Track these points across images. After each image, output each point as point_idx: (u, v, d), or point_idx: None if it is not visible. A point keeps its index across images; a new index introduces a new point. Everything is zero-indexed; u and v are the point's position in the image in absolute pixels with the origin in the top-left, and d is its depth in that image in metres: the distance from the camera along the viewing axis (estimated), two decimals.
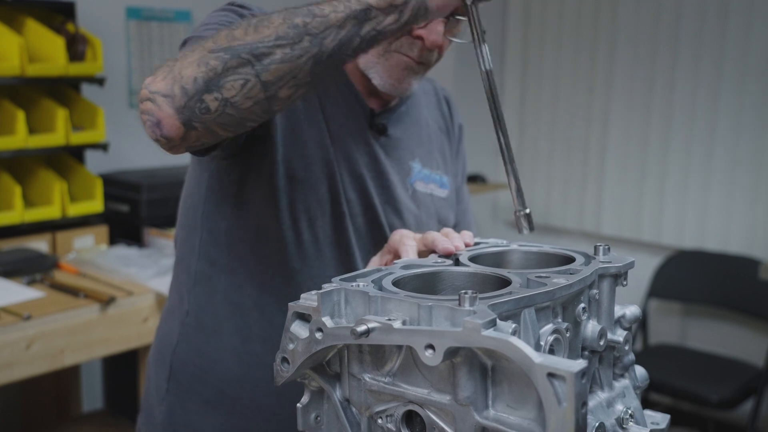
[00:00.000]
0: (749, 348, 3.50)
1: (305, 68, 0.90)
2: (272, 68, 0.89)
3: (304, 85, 0.92)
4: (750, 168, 3.51)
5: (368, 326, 0.70)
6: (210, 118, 0.91)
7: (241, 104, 0.90)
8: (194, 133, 0.92)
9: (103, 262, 2.58)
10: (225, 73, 0.89)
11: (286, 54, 0.89)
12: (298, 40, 0.89)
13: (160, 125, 0.92)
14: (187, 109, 0.90)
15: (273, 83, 0.90)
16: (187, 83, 0.90)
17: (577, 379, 0.60)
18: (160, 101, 0.91)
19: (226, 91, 0.89)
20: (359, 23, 0.90)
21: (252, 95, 0.90)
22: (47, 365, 2.17)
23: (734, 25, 3.46)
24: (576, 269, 0.83)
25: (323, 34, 0.89)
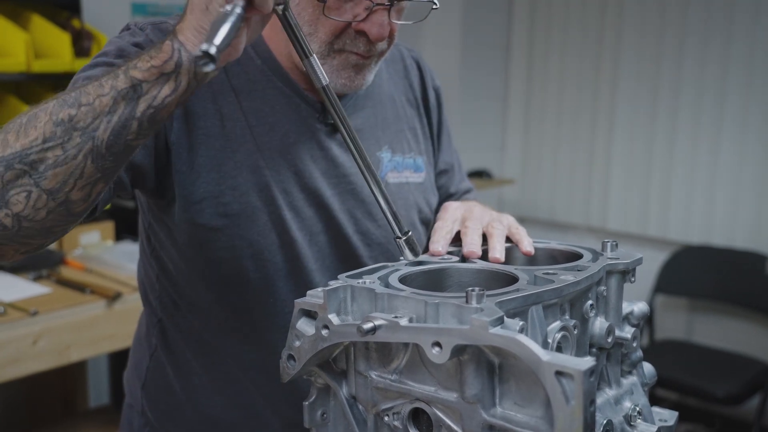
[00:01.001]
0: (756, 343, 3.49)
1: (87, 166, 0.80)
2: (50, 174, 0.80)
3: (96, 181, 0.82)
4: (756, 162, 3.49)
5: (375, 323, 0.70)
6: (11, 234, 0.82)
7: (35, 216, 0.81)
8: (5, 248, 0.85)
9: (109, 257, 2.58)
10: (6, 187, 0.80)
11: (58, 157, 0.79)
12: (68, 139, 0.79)
13: None
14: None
15: (58, 189, 0.80)
16: None
17: (585, 377, 0.59)
18: None
19: (13, 206, 0.80)
20: (131, 103, 0.79)
21: (40, 206, 0.81)
22: (53, 361, 2.17)
23: (740, 20, 3.44)
24: (584, 266, 0.82)
25: (93, 126, 0.79)
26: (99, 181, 0.83)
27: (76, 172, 0.80)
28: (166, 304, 1.17)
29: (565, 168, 4.13)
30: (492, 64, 4.24)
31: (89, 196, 0.83)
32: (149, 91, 0.79)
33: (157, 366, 1.21)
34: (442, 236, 0.98)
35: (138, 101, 0.79)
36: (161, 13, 3.20)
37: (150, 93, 0.80)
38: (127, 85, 0.79)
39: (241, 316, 1.12)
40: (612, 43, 3.87)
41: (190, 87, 0.81)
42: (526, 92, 4.26)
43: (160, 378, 1.20)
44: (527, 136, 4.29)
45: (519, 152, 4.33)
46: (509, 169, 4.34)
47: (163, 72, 0.79)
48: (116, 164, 0.83)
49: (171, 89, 0.80)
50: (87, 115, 0.79)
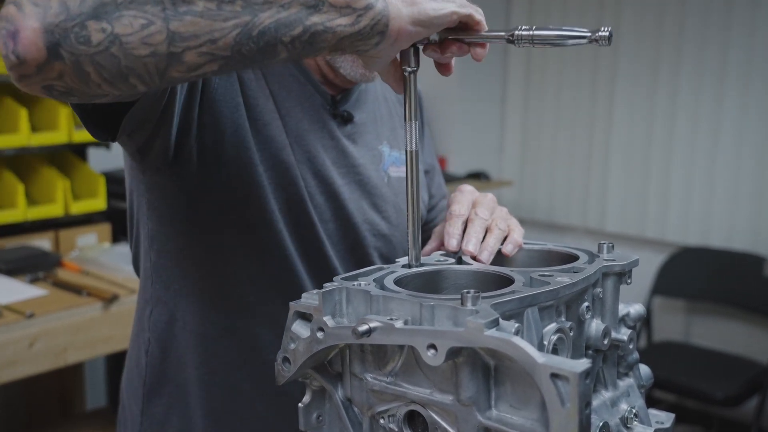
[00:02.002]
0: (754, 345, 3.49)
1: (228, 36, 0.71)
2: (188, 19, 0.70)
3: (219, 58, 0.73)
4: (754, 164, 3.49)
5: (370, 326, 0.69)
6: (86, 52, 0.68)
7: (134, 48, 0.69)
8: (58, 65, 0.68)
9: (106, 259, 2.58)
10: (126, 4, 0.68)
11: (209, 9, 0.70)
12: (229, 0, 0.71)
13: (17, 38, 0.67)
14: (59, 30, 0.67)
15: (183, 38, 0.70)
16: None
17: (580, 379, 0.59)
18: (27, 8, 0.67)
19: (119, 25, 0.68)
20: (307, 11, 0.74)
21: (151, 42, 0.69)
22: (50, 363, 2.17)
23: (738, 22, 3.44)
24: (580, 267, 0.82)
25: (261, 7, 0.72)
26: (218, 61, 0.73)
27: (213, 34, 0.71)
28: (159, 294, 1.15)
29: (563, 170, 4.14)
30: (490, 66, 4.24)
31: (196, 69, 0.73)
32: (329, 11, 0.76)
33: (154, 361, 1.19)
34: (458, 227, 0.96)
35: (314, 13, 0.75)
36: None
37: (328, 14, 0.76)
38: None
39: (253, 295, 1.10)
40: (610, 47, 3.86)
41: (364, 32, 0.78)
42: (524, 94, 4.26)
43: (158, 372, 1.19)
44: (525, 137, 4.29)
45: (517, 154, 4.33)
46: (507, 170, 4.34)
47: (351, 5, 0.76)
48: (246, 60, 0.75)
49: (348, 22, 0.77)
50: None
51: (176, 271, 1.13)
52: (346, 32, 0.77)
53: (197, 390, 1.16)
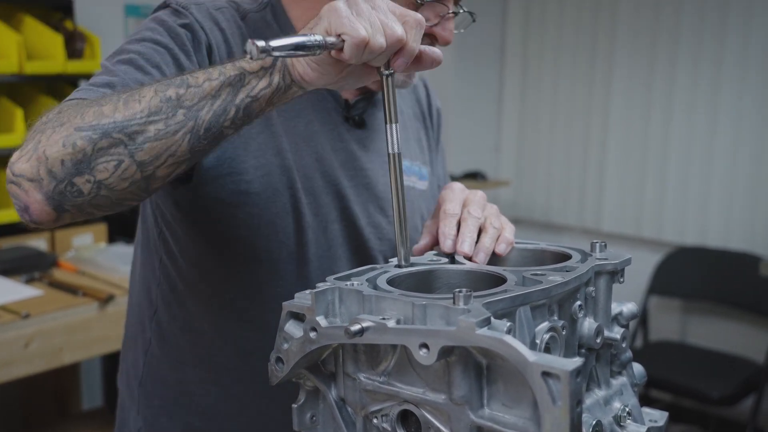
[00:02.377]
0: (750, 344, 3.49)
1: (183, 145, 0.84)
2: (146, 147, 0.82)
3: (183, 162, 0.85)
4: (750, 164, 3.50)
5: (362, 325, 0.69)
6: (83, 201, 0.84)
7: (116, 186, 0.83)
8: (67, 215, 0.85)
9: (102, 260, 2.58)
10: (96, 154, 0.82)
11: (160, 131, 0.82)
12: (172, 114, 0.83)
13: (29, 211, 0.84)
14: (56, 193, 0.83)
15: (149, 163, 0.83)
16: (53, 166, 0.82)
17: (571, 377, 0.59)
18: (26, 186, 0.83)
19: (98, 173, 0.82)
20: (234, 91, 0.84)
21: (127, 176, 0.83)
22: (46, 363, 2.17)
23: (734, 21, 3.45)
24: (572, 266, 0.82)
25: (198, 106, 0.83)
26: (186, 162, 0.86)
27: (171, 149, 0.84)
28: (164, 293, 1.17)
29: (560, 170, 4.14)
30: (487, 66, 4.24)
31: (170, 176, 0.86)
32: (250, 82, 0.84)
33: (153, 361, 1.20)
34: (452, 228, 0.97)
35: (240, 90, 0.84)
36: None
37: (250, 84, 0.84)
38: (235, 74, 0.84)
39: (249, 296, 1.12)
40: (606, 44, 3.87)
41: (280, 87, 0.85)
42: (520, 94, 4.26)
43: (156, 372, 1.20)
44: (522, 137, 4.29)
45: (514, 154, 4.33)
46: (504, 170, 4.35)
47: (263, 66, 0.84)
48: (206, 148, 0.86)
49: (266, 83, 0.84)
50: (194, 96, 0.83)
51: (182, 273, 1.14)
52: (269, 93, 0.85)
53: (196, 389, 1.17)
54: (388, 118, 0.87)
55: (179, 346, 1.18)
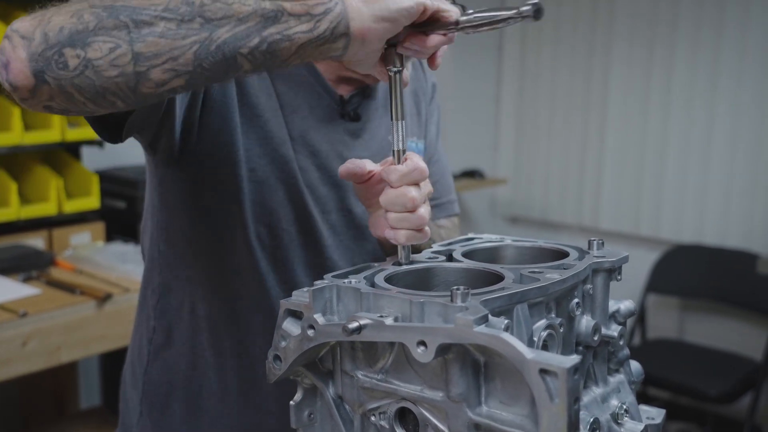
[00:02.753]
0: (747, 342, 3.50)
1: (188, 53, 0.78)
2: (149, 40, 0.77)
3: (183, 74, 0.79)
4: (748, 162, 3.50)
5: (360, 323, 0.70)
6: (66, 76, 0.78)
7: (105, 70, 0.77)
8: (46, 88, 0.78)
9: (99, 258, 2.58)
10: (96, 31, 0.77)
11: (169, 30, 0.78)
12: (188, 19, 0.78)
13: (8, 68, 0.78)
14: (41, 59, 0.77)
15: (146, 57, 0.78)
16: (51, 30, 0.77)
17: (569, 374, 0.59)
18: (16, 41, 0.78)
19: (91, 50, 0.77)
20: (264, 22, 0.80)
21: (119, 63, 0.77)
22: (43, 362, 2.16)
23: (732, 17, 3.45)
24: (569, 264, 0.82)
25: (219, 22, 0.78)
26: (183, 76, 0.80)
27: (174, 53, 0.78)
28: (166, 280, 1.20)
29: (558, 168, 4.14)
30: (484, 64, 4.24)
31: (163, 85, 0.80)
32: (287, 21, 0.80)
33: (158, 349, 1.22)
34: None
35: (271, 25, 0.80)
36: None
37: (287, 23, 0.80)
38: (272, 8, 0.80)
39: (253, 283, 1.14)
40: (604, 43, 3.87)
41: (323, 37, 0.81)
42: (518, 92, 4.27)
43: (160, 359, 1.22)
44: (520, 135, 4.29)
45: (511, 152, 4.33)
46: (502, 168, 4.35)
47: (310, 12, 0.80)
48: (210, 73, 0.81)
49: (307, 28, 0.81)
50: (219, 10, 0.79)
51: (185, 260, 1.17)
52: (305, 39, 0.80)
53: (200, 375, 1.19)
54: (395, 116, 0.88)
55: (182, 332, 1.20)
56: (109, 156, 2.98)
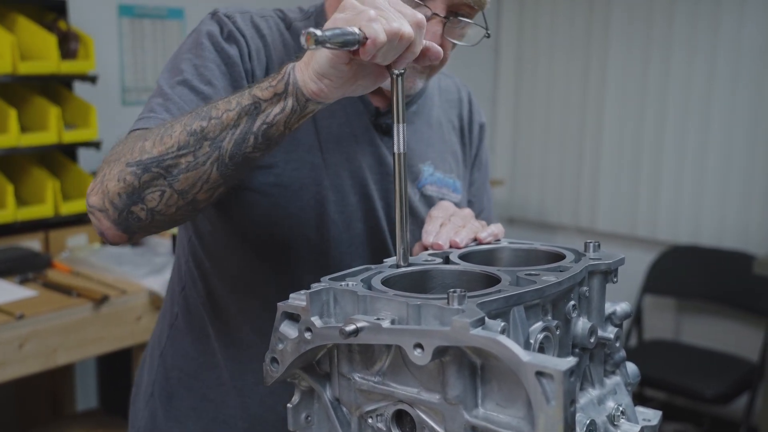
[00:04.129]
0: (743, 343, 3.50)
1: (213, 173, 0.92)
2: (181, 177, 0.92)
3: (219, 186, 0.94)
4: (743, 164, 3.51)
5: (357, 326, 0.70)
6: (144, 224, 0.96)
7: (166, 211, 0.95)
8: (137, 235, 0.99)
9: (96, 260, 2.57)
10: (142, 187, 0.93)
11: (190, 163, 0.92)
12: (198, 147, 0.91)
13: (105, 236, 0.99)
14: (121, 220, 0.96)
15: (187, 191, 0.93)
16: (114, 199, 0.95)
17: (565, 377, 0.60)
18: (98, 215, 0.97)
19: (149, 202, 0.94)
20: (251, 119, 0.90)
21: (172, 203, 0.94)
22: (40, 364, 2.16)
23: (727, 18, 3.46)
24: (566, 266, 0.83)
25: (220, 137, 0.91)
26: (221, 185, 0.94)
27: (203, 177, 0.92)
28: (191, 269, 1.24)
29: (555, 169, 4.15)
30: (481, 65, 4.25)
31: (212, 197, 0.96)
32: (266, 109, 0.90)
33: (177, 334, 1.26)
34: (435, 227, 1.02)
35: (256, 117, 0.90)
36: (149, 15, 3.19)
37: (266, 111, 0.90)
38: (250, 102, 0.90)
39: (271, 282, 1.17)
40: (600, 44, 3.88)
41: (294, 109, 0.90)
42: (515, 93, 4.27)
43: (178, 345, 1.26)
44: (516, 137, 4.30)
45: (508, 153, 4.34)
46: (498, 170, 4.35)
47: (276, 92, 0.90)
48: (236, 173, 0.94)
49: (280, 108, 0.90)
50: (216, 127, 0.91)
51: (209, 252, 1.21)
52: (284, 117, 0.90)
53: (215, 363, 1.22)
54: (396, 118, 0.88)
55: (202, 320, 1.23)
56: None
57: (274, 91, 0.89)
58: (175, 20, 3.28)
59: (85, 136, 2.72)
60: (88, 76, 2.74)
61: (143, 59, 3.20)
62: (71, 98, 2.79)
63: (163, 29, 3.26)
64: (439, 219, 1.03)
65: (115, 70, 3.11)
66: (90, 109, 2.73)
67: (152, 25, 3.22)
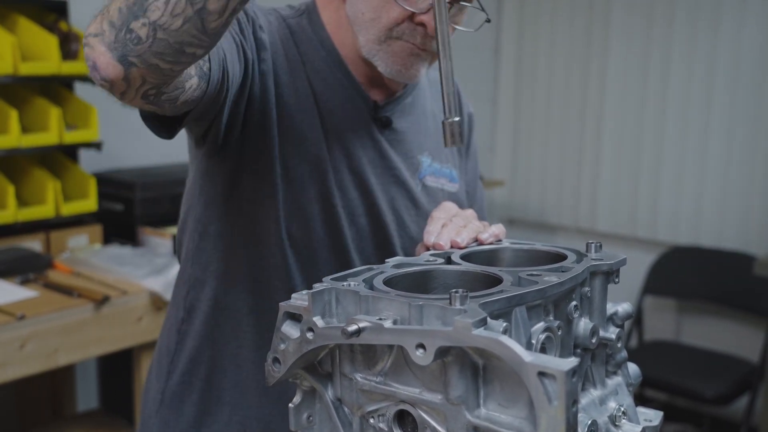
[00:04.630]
0: (744, 344, 3.50)
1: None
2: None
3: None
4: (744, 164, 3.51)
5: (359, 326, 0.70)
6: (144, 49, 0.83)
7: (171, 25, 0.82)
8: (135, 70, 0.85)
9: (97, 261, 2.57)
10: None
11: None
12: None
13: (97, 67, 0.85)
14: (118, 44, 0.83)
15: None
16: (113, 16, 0.84)
17: (567, 377, 0.60)
18: (92, 42, 0.85)
19: (151, 14, 0.82)
20: None
21: (178, 11, 0.82)
22: (41, 365, 2.16)
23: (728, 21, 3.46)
24: (567, 267, 0.83)
25: None
26: None
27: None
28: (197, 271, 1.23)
29: (555, 170, 4.15)
30: (481, 66, 4.25)
31: (224, 12, 0.83)
32: None
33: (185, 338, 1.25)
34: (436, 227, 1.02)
35: None
36: None
37: None
38: None
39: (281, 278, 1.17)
40: (600, 46, 3.88)
41: None
42: (515, 94, 4.27)
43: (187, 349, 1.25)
44: (517, 138, 4.30)
45: (508, 154, 4.34)
46: (499, 170, 4.35)
47: None
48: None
49: None
50: None
51: (214, 254, 1.20)
52: None
53: (226, 364, 1.22)
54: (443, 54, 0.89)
55: (210, 322, 1.22)
56: (106, 158, 2.97)
57: None
58: None
59: (86, 137, 2.72)
60: (88, 77, 2.74)
61: None
62: (72, 99, 2.79)
63: None
64: (441, 219, 1.04)
65: None
66: (91, 110, 2.73)
67: None
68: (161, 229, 2.75)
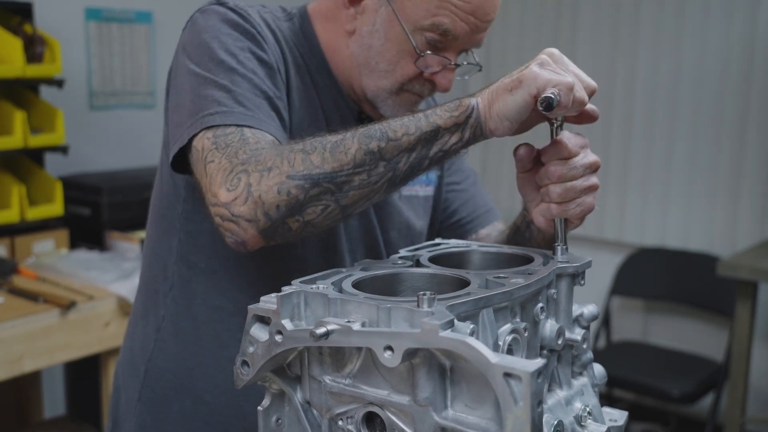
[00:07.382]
0: (709, 343, 3.56)
1: (380, 191, 0.95)
2: (351, 194, 0.93)
3: (375, 200, 0.97)
4: (708, 167, 3.57)
5: (327, 328, 0.70)
6: (291, 235, 0.96)
7: (320, 223, 0.95)
8: (274, 241, 0.97)
9: (63, 266, 2.55)
10: (307, 201, 0.92)
11: (363, 180, 0.93)
12: (374, 167, 0.92)
13: (245, 245, 0.96)
14: (270, 230, 0.94)
15: (351, 206, 0.95)
16: (270, 210, 0.93)
17: (532, 378, 0.61)
18: (244, 225, 0.94)
19: (307, 215, 0.93)
20: (428, 144, 0.93)
21: (331, 217, 0.95)
22: (5, 372, 2.13)
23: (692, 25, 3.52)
24: (534, 269, 0.84)
25: (396, 159, 0.93)
26: (377, 199, 0.97)
27: (371, 195, 0.95)
28: (182, 270, 1.21)
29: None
30: None
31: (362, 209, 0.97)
32: (443, 136, 0.93)
33: (165, 337, 1.23)
34: None
35: (434, 144, 0.93)
36: (116, 19, 3.17)
37: (443, 138, 0.93)
38: (430, 129, 0.92)
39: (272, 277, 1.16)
40: (568, 47, 3.92)
41: (469, 141, 0.94)
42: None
43: (167, 349, 1.23)
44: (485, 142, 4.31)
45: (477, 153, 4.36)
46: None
47: (457, 123, 0.93)
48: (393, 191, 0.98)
49: (457, 138, 0.94)
50: (394, 149, 0.92)
51: (207, 252, 1.19)
52: (459, 146, 0.94)
53: (209, 364, 1.21)
54: None
55: (195, 322, 1.21)
56: (72, 162, 2.94)
57: (455, 122, 0.92)
58: (143, 24, 3.26)
59: (52, 140, 2.69)
60: (54, 80, 2.71)
61: (111, 63, 3.17)
62: (37, 102, 2.76)
63: (131, 33, 3.23)
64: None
65: (82, 74, 3.08)
66: (56, 113, 2.70)
67: (120, 29, 3.19)
68: (129, 234, 2.72)
